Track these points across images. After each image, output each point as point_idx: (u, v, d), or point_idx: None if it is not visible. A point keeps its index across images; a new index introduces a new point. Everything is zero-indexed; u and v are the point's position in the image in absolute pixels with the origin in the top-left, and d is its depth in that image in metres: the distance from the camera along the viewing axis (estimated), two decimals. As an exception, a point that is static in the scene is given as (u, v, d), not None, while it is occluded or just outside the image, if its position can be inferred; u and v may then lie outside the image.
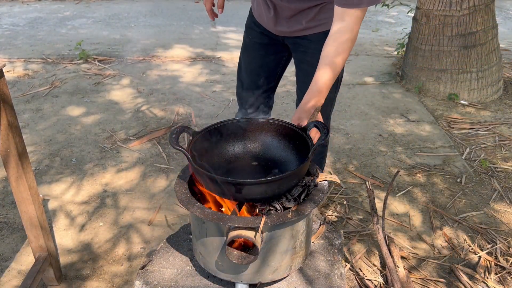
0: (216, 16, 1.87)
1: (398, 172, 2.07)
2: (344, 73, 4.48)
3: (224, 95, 3.72)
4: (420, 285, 1.86)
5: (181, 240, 1.50)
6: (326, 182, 1.32)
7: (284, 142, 1.40)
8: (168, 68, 4.34)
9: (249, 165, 1.40)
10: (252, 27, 1.89)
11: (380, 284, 1.84)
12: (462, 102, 3.55)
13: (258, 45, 1.89)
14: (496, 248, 2.05)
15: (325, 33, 1.72)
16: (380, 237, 1.92)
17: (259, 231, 1.15)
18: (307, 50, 1.76)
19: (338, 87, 1.86)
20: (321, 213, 2.28)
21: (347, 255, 2.00)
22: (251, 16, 1.91)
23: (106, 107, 3.48)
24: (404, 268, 1.83)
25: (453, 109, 3.45)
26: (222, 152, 1.41)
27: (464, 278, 1.87)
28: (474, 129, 3.12)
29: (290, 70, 2.05)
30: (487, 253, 2.02)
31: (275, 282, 1.32)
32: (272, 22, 1.75)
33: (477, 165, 2.69)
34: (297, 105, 1.92)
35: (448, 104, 3.53)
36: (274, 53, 1.90)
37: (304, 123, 1.40)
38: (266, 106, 2.03)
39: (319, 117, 1.42)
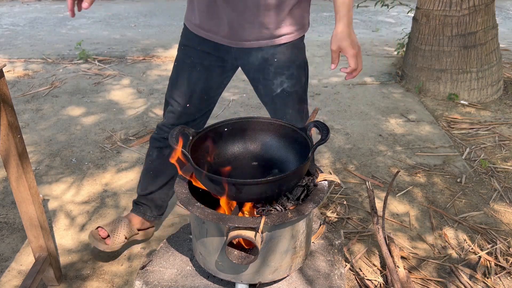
0: (79, 10, 1.32)
1: (398, 172, 2.07)
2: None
3: (224, 95, 3.72)
4: (420, 285, 1.86)
5: (181, 240, 1.50)
6: (326, 182, 1.32)
7: (284, 142, 1.40)
8: (168, 68, 4.34)
9: (249, 165, 1.40)
10: (192, 45, 1.65)
11: (380, 284, 1.84)
12: (462, 102, 3.55)
13: (200, 67, 1.66)
14: (496, 248, 2.05)
15: (294, 45, 1.60)
16: (380, 237, 1.92)
17: (259, 231, 1.14)
18: (269, 67, 1.60)
19: (307, 71, 1.75)
20: (321, 213, 2.28)
21: (347, 255, 2.00)
22: (187, 33, 1.68)
23: (106, 107, 3.48)
24: (404, 268, 1.83)
25: (453, 109, 3.45)
26: (222, 152, 1.41)
27: (464, 278, 1.87)
28: (474, 129, 3.12)
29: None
30: (487, 253, 2.02)
31: (275, 282, 1.32)
32: (225, 27, 1.54)
33: (477, 165, 2.69)
34: None
35: (448, 104, 3.53)
36: (220, 74, 1.71)
37: (348, 51, 1.47)
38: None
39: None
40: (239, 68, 1.75)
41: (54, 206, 2.36)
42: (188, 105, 1.72)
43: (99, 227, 1.91)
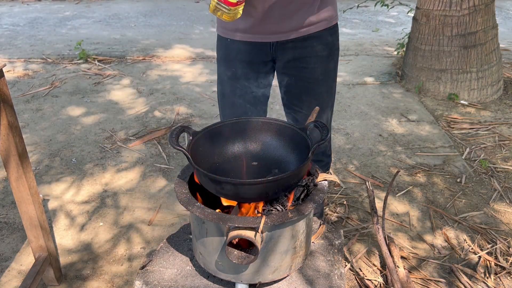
0: None
1: (398, 172, 2.06)
2: (344, 73, 4.47)
3: (224, 95, 3.72)
4: (420, 285, 1.86)
5: (181, 240, 1.50)
6: (326, 182, 1.31)
7: (284, 142, 1.40)
8: (168, 68, 4.34)
9: (249, 165, 1.40)
10: (232, 56, 1.64)
11: (380, 284, 1.84)
12: (462, 102, 3.55)
13: (247, 77, 1.66)
14: (496, 248, 2.05)
15: (329, 31, 1.62)
16: (380, 237, 1.92)
17: (259, 231, 1.14)
18: (308, 66, 1.60)
19: (334, 92, 1.80)
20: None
21: (347, 255, 2.00)
22: (223, 42, 1.66)
23: (106, 107, 3.48)
24: (404, 268, 1.83)
25: (453, 109, 3.45)
26: (222, 152, 1.41)
27: (464, 278, 1.87)
28: (474, 129, 3.12)
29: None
30: (487, 253, 2.02)
31: (275, 282, 1.32)
32: (260, 23, 1.53)
33: (477, 165, 2.69)
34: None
35: (448, 104, 3.53)
36: (266, 77, 1.70)
37: None
38: None
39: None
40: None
41: (54, 206, 2.36)
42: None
43: None
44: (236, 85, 1.68)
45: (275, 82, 1.78)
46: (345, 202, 2.37)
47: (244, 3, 1.37)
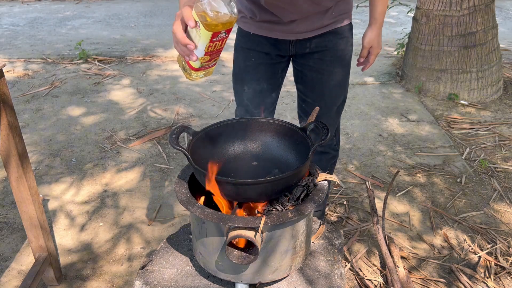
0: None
1: (398, 172, 2.06)
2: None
3: (224, 95, 3.72)
4: (420, 285, 1.86)
5: (181, 240, 1.50)
6: (326, 182, 1.31)
7: (284, 142, 1.40)
8: (168, 68, 4.34)
9: (249, 165, 1.40)
10: (252, 47, 1.70)
11: (380, 284, 1.84)
12: (462, 102, 3.55)
13: (264, 66, 1.72)
14: (496, 248, 2.05)
15: (350, 26, 1.73)
16: (380, 237, 1.92)
17: (259, 231, 1.14)
18: (324, 58, 1.68)
19: (347, 87, 1.86)
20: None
21: (347, 255, 2.00)
22: (244, 34, 1.72)
23: (106, 107, 3.48)
24: (404, 268, 1.83)
25: (453, 109, 3.45)
26: (222, 152, 1.40)
27: (464, 278, 1.87)
28: (474, 129, 3.12)
29: (289, 70, 2.03)
30: (487, 253, 2.02)
31: (275, 282, 1.32)
32: (280, 23, 1.61)
33: (477, 165, 2.69)
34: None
35: (448, 104, 3.53)
36: (282, 69, 1.77)
37: (376, 50, 1.78)
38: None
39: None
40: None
41: (54, 206, 2.36)
42: (256, 107, 1.77)
43: None
44: (253, 71, 1.74)
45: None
46: (345, 202, 2.37)
47: (213, 67, 1.29)
